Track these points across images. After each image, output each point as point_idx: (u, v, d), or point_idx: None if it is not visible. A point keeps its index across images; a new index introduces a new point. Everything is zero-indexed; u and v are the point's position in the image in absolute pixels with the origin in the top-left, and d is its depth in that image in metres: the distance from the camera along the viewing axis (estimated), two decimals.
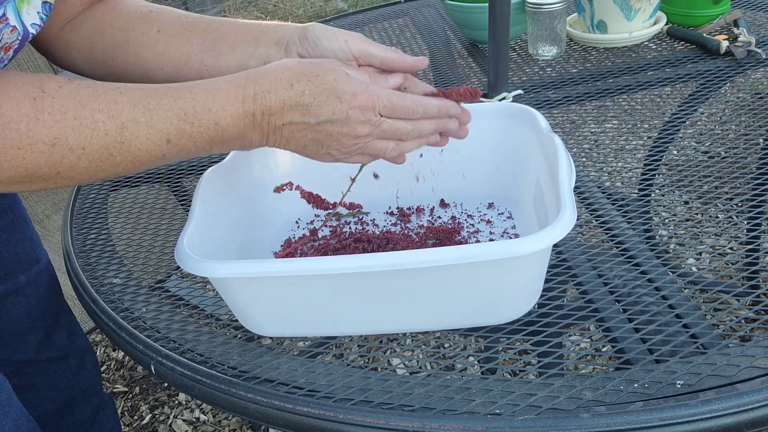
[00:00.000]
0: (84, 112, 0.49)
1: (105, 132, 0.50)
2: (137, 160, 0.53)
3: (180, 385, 0.62)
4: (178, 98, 0.53)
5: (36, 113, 0.48)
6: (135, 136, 0.51)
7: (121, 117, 0.51)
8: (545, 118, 0.72)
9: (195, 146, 0.55)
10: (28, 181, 0.50)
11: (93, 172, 0.52)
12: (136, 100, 0.52)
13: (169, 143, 0.53)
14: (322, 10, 4.57)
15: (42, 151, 0.48)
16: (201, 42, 0.66)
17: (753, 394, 0.49)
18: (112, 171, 0.53)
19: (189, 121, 0.53)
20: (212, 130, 0.54)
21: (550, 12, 1.14)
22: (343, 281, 0.57)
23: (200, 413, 1.61)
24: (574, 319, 0.62)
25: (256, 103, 0.55)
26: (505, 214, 0.78)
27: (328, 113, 0.56)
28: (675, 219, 0.83)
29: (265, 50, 0.65)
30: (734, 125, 1.01)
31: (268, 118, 0.56)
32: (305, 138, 0.58)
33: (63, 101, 0.49)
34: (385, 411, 0.53)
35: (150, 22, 0.67)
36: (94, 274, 0.81)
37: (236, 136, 0.55)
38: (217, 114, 0.54)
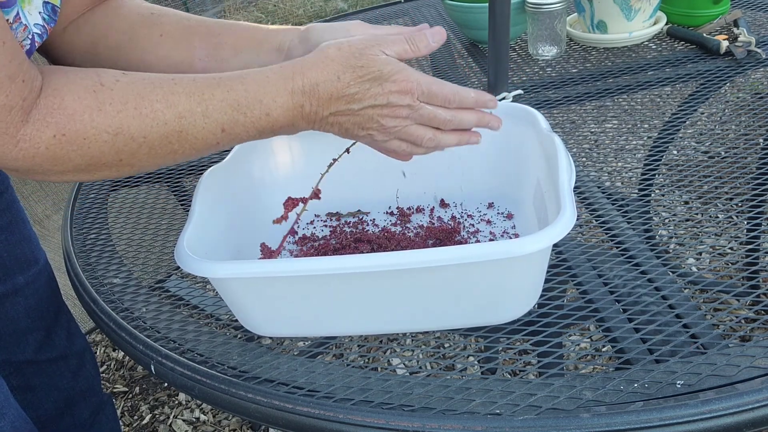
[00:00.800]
0: (143, 102, 0.52)
1: (164, 121, 0.53)
2: (194, 148, 0.55)
3: (180, 385, 0.62)
4: (231, 89, 0.55)
5: (98, 105, 0.50)
6: (192, 125, 0.54)
7: (179, 107, 0.53)
8: (545, 118, 0.72)
9: (247, 134, 0.57)
10: (93, 169, 0.53)
11: (152, 159, 0.54)
12: (190, 90, 0.54)
13: (224, 132, 0.56)
14: (322, 10, 4.57)
15: (106, 140, 0.51)
16: (203, 47, 0.67)
17: (753, 394, 0.49)
18: (170, 158, 0.55)
19: (242, 111, 0.55)
20: (263, 120, 0.57)
21: (550, 12, 1.14)
22: (343, 281, 0.57)
23: (200, 413, 1.61)
24: (574, 319, 0.62)
25: (305, 95, 0.57)
26: (505, 214, 0.78)
27: (370, 99, 0.58)
28: (675, 219, 0.83)
29: (267, 57, 0.67)
30: (734, 125, 1.01)
31: (316, 109, 0.58)
32: (348, 122, 0.60)
33: (122, 93, 0.51)
34: (385, 411, 0.53)
35: (152, 26, 0.67)
36: (94, 274, 0.81)
37: (286, 125, 0.58)
38: (268, 105, 0.56)
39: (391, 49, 0.59)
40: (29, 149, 0.49)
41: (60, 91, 0.49)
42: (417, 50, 0.61)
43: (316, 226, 0.81)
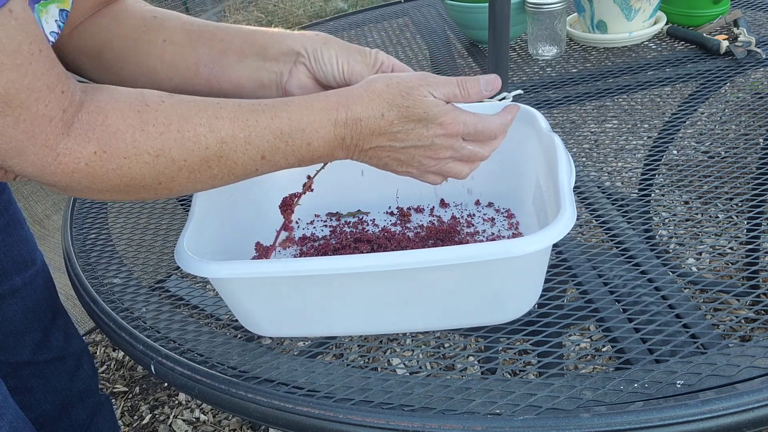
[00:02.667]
0: (186, 125, 0.51)
1: (206, 146, 0.52)
2: (233, 173, 0.55)
3: (180, 385, 0.62)
4: (275, 117, 0.55)
5: (141, 125, 0.50)
6: (233, 150, 0.53)
7: (222, 132, 0.52)
8: (545, 118, 0.72)
9: (286, 162, 0.57)
10: (131, 190, 0.52)
11: (192, 183, 0.54)
12: (235, 115, 0.53)
13: (263, 159, 0.55)
14: (322, 10, 4.57)
15: (146, 161, 0.50)
16: (208, 52, 0.66)
17: (753, 394, 0.49)
18: (209, 183, 0.55)
19: (284, 140, 0.55)
20: (304, 150, 0.56)
21: (550, 12, 1.14)
22: (343, 281, 0.57)
23: (200, 413, 1.61)
24: (574, 319, 0.62)
25: (347, 128, 0.56)
26: (505, 214, 0.78)
27: (414, 140, 0.58)
28: (675, 219, 0.83)
29: (275, 63, 0.65)
30: (734, 125, 1.01)
31: (357, 142, 0.57)
32: (388, 158, 0.59)
33: (166, 114, 0.51)
34: (385, 411, 0.53)
35: (155, 31, 0.67)
36: (94, 274, 0.81)
37: (324, 154, 0.57)
38: (310, 135, 0.56)
39: (439, 91, 0.58)
40: (69, 164, 0.48)
41: (104, 108, 0.49)
42: (467, 96, 0.59)
43: (316, 226, 0.81)
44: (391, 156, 0.59)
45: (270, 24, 4.47)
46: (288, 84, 0.66)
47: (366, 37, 1.48)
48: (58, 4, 0.53)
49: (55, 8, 0.54)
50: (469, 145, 0.60)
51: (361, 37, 1.48)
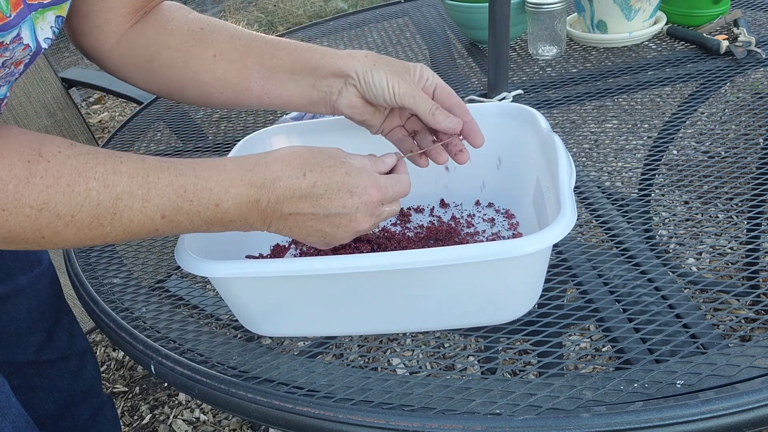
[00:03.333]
0: (79, 179, 0.48)
1: (98, 201, 0.49)
2: (128, 231, 0.52)
3: (180, 385, 0.62)
4: (180, 174, 0.52)
5: (28, 176, 0.47)
6: (129, 207, 0.50)
7: (117, 188, 0.50)
8: (545, 118, 0.72)
9: (191, 224, 0.54)
10: (10, 241, 0.49)
11: (80, 239, 0.50)
12: (135, 171, 0.51)
13: (164, 218, 0.52)
14: (322, 10, 4.57)
15: (27, 215, 0.47)
16: (258, 69, 0.66)
17: (753, 394, 0.49)
18: (100, 239, 0.52)
19: (188, 198, 0.52)
20: (211, 211, 0.53)
21: (550, 12, 1.14)
22: (343, 281, 0.57)
23: (200, 413, 1.61)
24: (574, 319, 0.62)
25: (263, 189, 0.54)
26: (505, 214, 0.78)
27: (338, 206, 0.56)
28: (675, 219, 0.83)
29: (324, 82, 0.65)
30: (734, 125, 1.01)
31: (274, 206, 0.55)
32: (310, 228, 0.57)
33: (58, 166, 0.48)
34: (385, 411, 0.53)
35: (205, 45, 0.66)
36: (94, 274, 0.81)
37: (237, 218, 0.55)
38: (218, 195, 0.53)
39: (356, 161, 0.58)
40: None
41: None
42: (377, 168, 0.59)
43: None
44: (313, 226, 0.57)
45: (270, 23, 4.47)
46: (337, 102, 0.66)
47: (366, 37, 1.48)
48: (55, 11, 0.53)
49: (52, 15, 0.53)
50: (386, 207, 0.59)
51: (361, 37, 1.48)
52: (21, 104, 1.42)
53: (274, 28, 4.42)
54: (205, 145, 1.10)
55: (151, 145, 1.14)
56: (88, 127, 1.53)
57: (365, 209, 0.57)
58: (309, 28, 1.60)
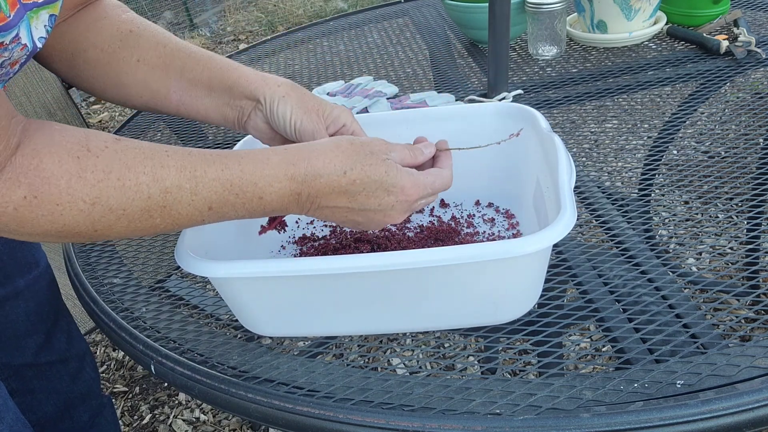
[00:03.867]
0: (128, 173, 0.49)
1: (148, 195, 0.50)
2: (176, 223, 0.53)
3: (180, 385, 0.62)
4: (226, 168, 0.53)
5: (79, 171, 0.48)
6: (178, 201, 0.51)
7: (166, 181, 0.51)
8: (545, 118, 0.72)
9: (235, 214, 0.55)
10: (64, 235, 0.50)
11: (131, 231, 0.52)
12: (182, 165, 0.52)
13: (211, 210, 0.53)
14: (322, 10, 4.57)
15: (81, 209, 0.48)
16: (178, 80, 0.67)
17: (753, 394, 0.49)
18: (150, 231, 0.53)
19: (234, 192, 0.53)
20: (255, 203, 0.54)
21: (550, 12, 1.14)
22: (343, 281, 0.57)
23: (200, 413, 1.61)
24: (574, 319, 0.62)
25: (304, 185, 0.55)
26: (505, 214, 0.78)
27: (374, 204, 0.57)
28: (675, 219, 0.83)
29: (238, 102, 0.66)
30: (734, 125, 1.01)
31: (313, 199, 0.56)
32: (344, 217, 0.58)
33: (108, 161, 0.49)
34: (385, 411, 0.53)
35: (130, 48, 0.67)
36: (94, 274, 0.81)
37: (278, 209, 0.56)
38: (262, 189, 0.54)
39: (395, 154, 0.59)
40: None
41: (40, 152, 0.47)
42: (415, 159, 0.60)
43: (316, 226, 0.81)
44: (348, 216, 0.58)
45: (270, 23, 4.47)
46: (246, 124, 0.67)
47: (366, 37, 1.48)
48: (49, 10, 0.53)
49: (46, 14, 0.53)
50: (421, 200, 0.60)
51: (361, 37, 1.48)
52: (21, 104, 1.42)
53: (274, 28, 4.42)
54: (205, 145, 1.10)
55: None
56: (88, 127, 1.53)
57: (401, 207, 0.58)
58: (309, 28, 1.60)
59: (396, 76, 1.23)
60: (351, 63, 1.33)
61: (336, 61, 1.36)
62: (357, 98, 1.10)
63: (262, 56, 1.47)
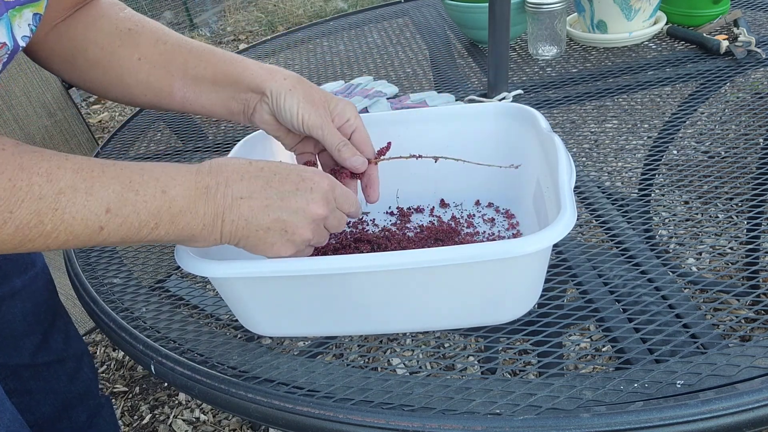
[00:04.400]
0: (21, 174, 0.46)
1: (39, 196, 0.47)
2: (70, 231, 0.49)
3: (180, 385, 0.62)
4: (125, 168, 0.51)
5: None
6: (71, 202, 0.48)
7: (61, 182, 0.48)
8: (545, 118, 0.72)
9: (137, 218, 0.51)
10: None
11: (19, 240, 0.47)
12: (80, 167, 0.49)
13: (109, 213, 0.50)
14: (322, 10, 4.57)
15: None
16: (181, 76, 0.67)
17: (753, 394, 0.49)
18: (40, 241, 0.48)
19: (133, 188, 0.50)
20: (158, 199, 0.51)
21: (550, 12, 1.14)
22: (344, 281, 0.57)
23: (200, 413, 1.61)
24: (574, 319, 0.62)
25: (211, 175, 0.54)
26: (505, 214, 0.78)
27: (291, 187, 0.55)
28: (675, 219, 0.83)
29: (243, 95, 0.66)
30: (734, 125, 1.01)
31: (224, 189, 0.53)
32: (267, 218, 0.55)
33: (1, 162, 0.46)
34: (385, 411, 0.53)
35: (130, 47, 0.67)
36: (94, 274, 0.81)
37: (186, 209, 0.53)
38: (165, 182, 0.52)
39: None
40: None
41: None
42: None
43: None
44: (270, 215, 0.55)
45: (270, 23, 4.47)
46: (252, 116, 0.67)
47: (366, 37, 1.48)
48: (32, 9, 0.53)
49: (29, 12, 0.53)
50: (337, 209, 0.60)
51: (361, 37, 1.48)
52: (21, 104, 1.42)
53: (274, 28, 4.42)
54: (205, 145, 1.10)
55: (151, 145, 1.14)
56: (88, 127, 1.53)
57: (319, 191, 0.57)
58: (309, 28, 1.60)
59: (396, 76, 1.23)
60: (351, 63, 1.33)
61: (336, 61, 1.36)
62: (357, 98, 1.10)
63: (262, 56, 1.47)
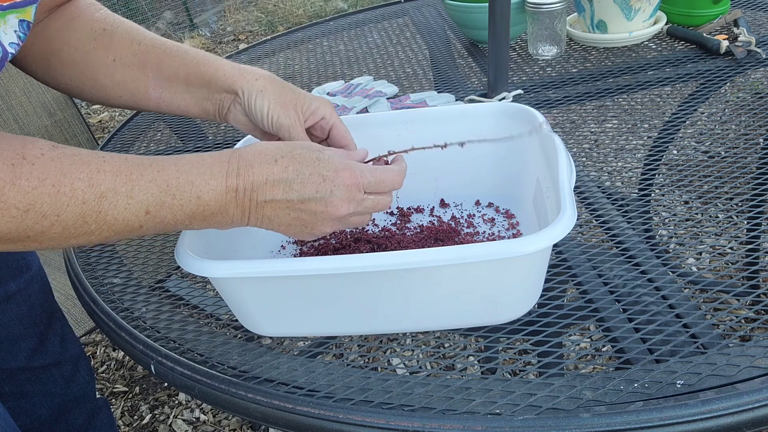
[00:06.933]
0: (64, 180, 0.49)
1: (83, 200, 0.49)
2: (112, 230, 0.52)
3: (180, 385, 0.62)
4: (162, 170, 0.53)
5: (13, 179, 0.47)
6: (113, 205, 0.50)
7: (102, 186, 0.50)
8: (545, 118, 0.72)
9: (174, 219, 0.54)
10: None
11: (65, 238, 0.50)
12: (119, 169, 0.51)
13: (148, 214, 0.52)
14: (322, 10, 4.57)
15: (14, 216, 0.47)
16: (156, 77, 0.67)
17: (753, 394, 0.49)
18: (84, 239, 0.51)
19: (171, 193, 0.53)
20: (193, 204, 0.54)
21: (550, 12, 1.14)
22: (343, 281, 0.57)
23: (200, 413, 1.61)
24: (574, 319, 0.62)
25: (239, 177, 0.55)
26: (505, 213, 0.78)
27: (311, 191, 0.56)
28: (675, 219, 0.83)
29: (217, 95, 0.67)
30: (734, 125, 1.01)
31: (250, 194, 0.55)
32: (288, 216, 0.57)
33: (43, 168, 0.48)
34: (385, 411, 0.53)
35: (105, 48, 0.67)
36: (94, 274, 0.81)
37: (217, 211, 0.55)
38: (200, 187, 0.54)
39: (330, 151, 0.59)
40: None
41: None
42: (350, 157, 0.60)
43: None
44: (291, 215, 0.57)
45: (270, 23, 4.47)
46: (227, 116, 0.68)
47: (366, 37, 1.48)
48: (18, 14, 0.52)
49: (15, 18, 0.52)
50: (370, 196, 0.59)
51: (361, 37, 1.48)
52: (21, 104, 1.42)
53: (274, 28, 4.42)
54: (205, 145, 1.10)
55: (151, 145, 1.14)
56: (88, 127, 1.53)
57: (340, 193, 0.57)
58: (309, 28, 1.60)
59: (396, 76, 1.23)
60: (351, 63, 1.33)
61: (336, 61, 1.36)
62: (357, 98, 1.10)
63: (262, 56, 1.47)
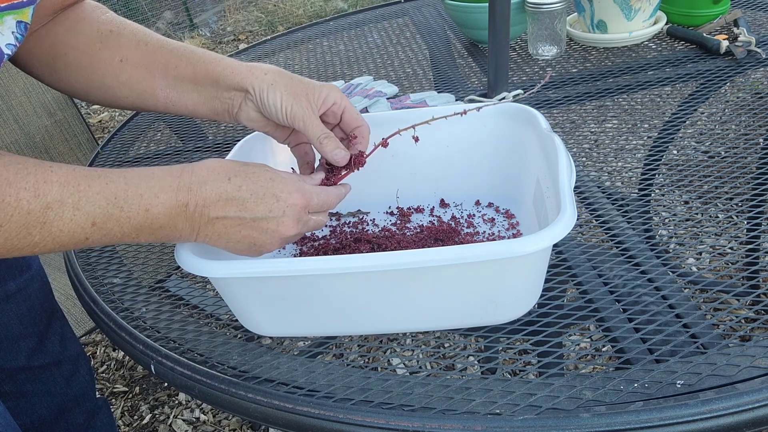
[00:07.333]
0: (9, 189, 0.48)
1: (27, 211, 0.49)
2: (57, 241, 0.51)
3: (180, 385, 0.62)
4: (110, 182, 0.52)
5: None
6: (59, 216, 0.50)
7: (48, 197, 0.49)
8: (545, 118, 0.72)
9: (121, 231, 0.53)
10: None
11: (7, 249, 0.50)
12: (66, 180, 0.51)
13: (95, 226, 0.52)
14: (322, 10, 4.57)
15: None
16: (163, 77, 0.67)
17: (753, 394, 0.49)
18: (27, 249, 0.51)
19: (119, 205, 0.52)
20: (141, 217, 0.53)
21: (550, 12, 1.14)
22: (343, 281, 0.57)
23: (200, 413, 1.61)
24: (574, 319, 0.62)
25: (190, 193, 0.55)
26: (505, 213, 0.78)
27: (264, 210, 0.57)
28: (675, 219, 0.83)
29: (227, 93, 0.66)
30: (734, 125, 1.01)
31: (201, 210, 0.55)
32: (238, 234, 0.57)
33: None
34: (385, 411, 0.53)
35: (111, 49, 0.66)
36: (94, 274, 0.81)
37: (166, 225, 0.55)
38: (148, 201, 0.53)
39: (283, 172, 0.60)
40: None
41: None
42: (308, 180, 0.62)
43: None
44: (241, 232, 0.57)
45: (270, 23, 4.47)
46: (238, 115, 0.67)
47: (366, 37, 1.48)
48: (15, 16, 0.52)
49: (12, 20, 0.52)
50: (313, 216, 0.61)
51: (361, 37, 1.48)
52: (21, 104, 1.42)
53: (274, 28, 4.42)
54: (205, 145, 1.10)
55: (151, 145, 1.14)
56: (88, 127, 1.53)
57: (291, 214, 0.58)
58: (309, 28, 1.60)
59: (396, 76, 1.23)
60: (351, 63, 1.33)
61: (336, 61, 1.36)
62: (357, 98, 1.10)
63: (262, 56, 1.47)
